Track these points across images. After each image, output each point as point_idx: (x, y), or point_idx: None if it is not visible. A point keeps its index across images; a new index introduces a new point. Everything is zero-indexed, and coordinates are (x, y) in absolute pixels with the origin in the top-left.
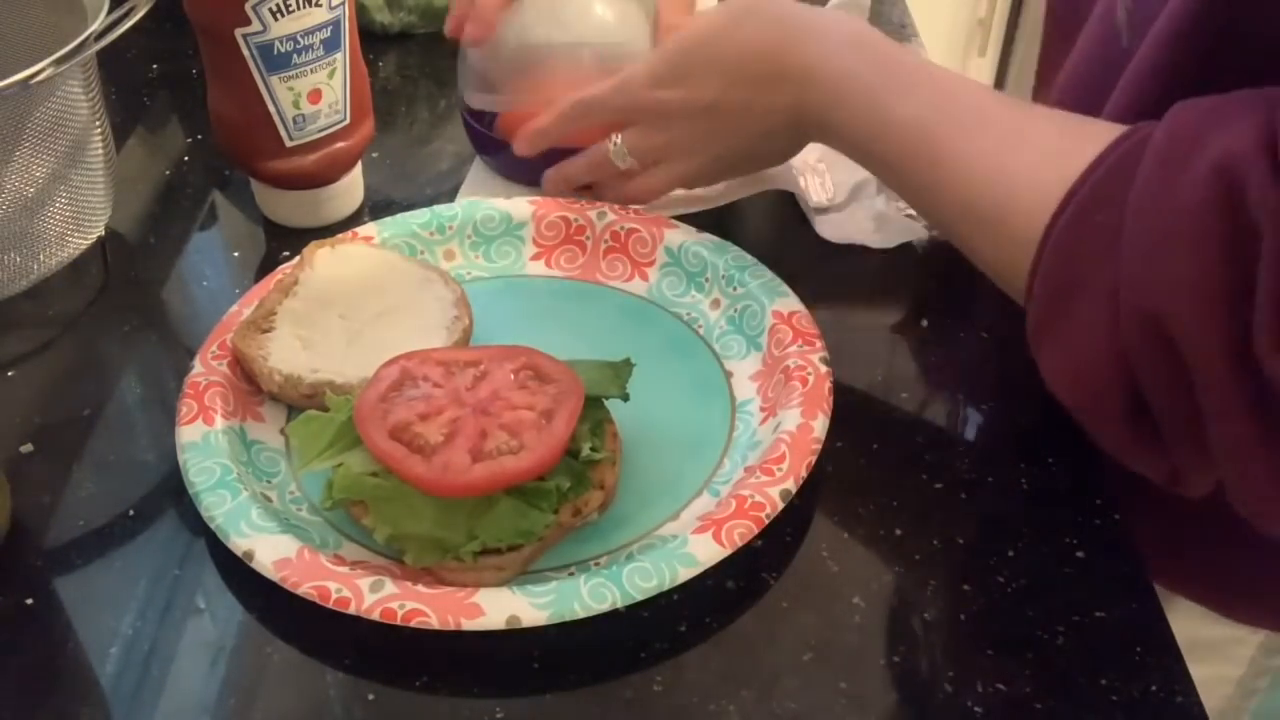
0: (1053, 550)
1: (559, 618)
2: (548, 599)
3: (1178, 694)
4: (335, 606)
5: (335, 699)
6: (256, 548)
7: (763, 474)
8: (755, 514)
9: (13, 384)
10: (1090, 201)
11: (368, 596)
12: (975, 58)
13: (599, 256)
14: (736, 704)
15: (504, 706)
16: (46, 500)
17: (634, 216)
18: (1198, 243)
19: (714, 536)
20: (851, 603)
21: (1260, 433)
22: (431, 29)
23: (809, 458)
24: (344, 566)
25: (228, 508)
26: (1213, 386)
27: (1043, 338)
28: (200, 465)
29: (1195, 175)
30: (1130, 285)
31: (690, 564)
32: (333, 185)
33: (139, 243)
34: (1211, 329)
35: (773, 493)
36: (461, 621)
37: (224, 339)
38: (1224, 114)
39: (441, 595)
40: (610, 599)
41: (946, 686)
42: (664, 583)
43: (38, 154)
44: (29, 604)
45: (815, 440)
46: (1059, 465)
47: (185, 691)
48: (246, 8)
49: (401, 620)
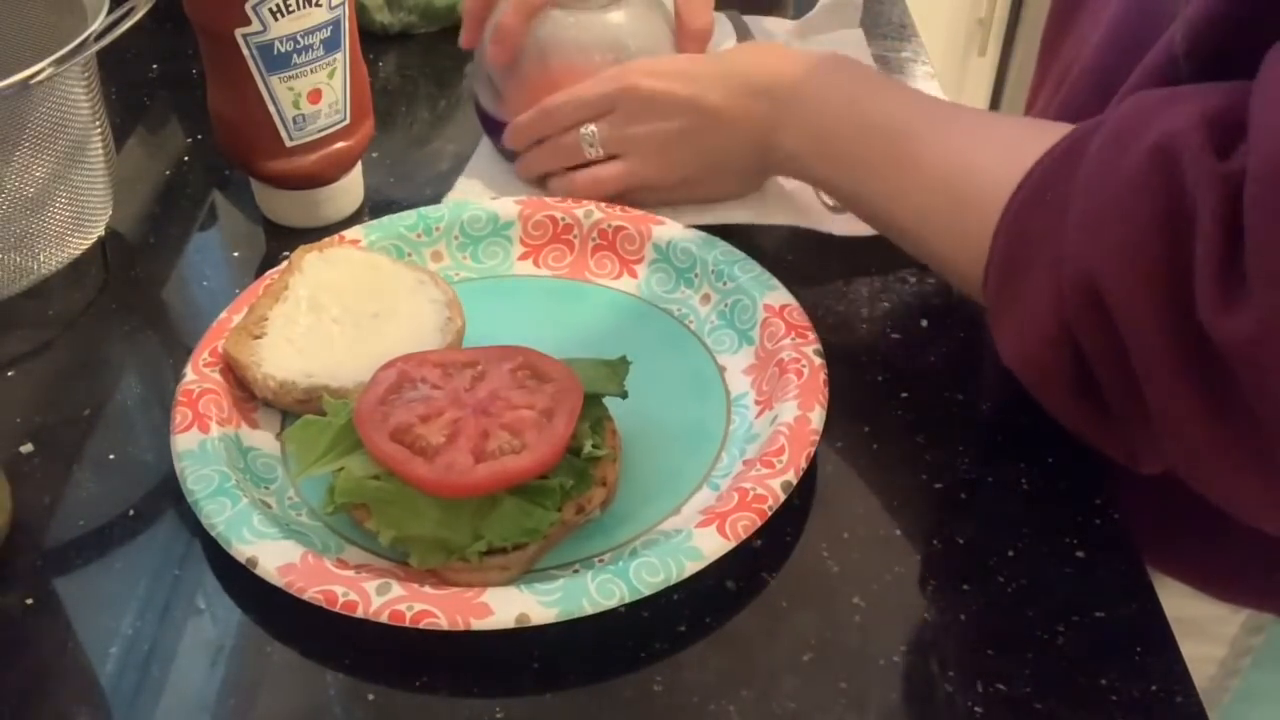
0: (1053, 550)
1: (568, 615)
2: (555, 596)
3: (1178, 694)
4: (343, 610)
5: (335, 699)
6: (260, 554)
7: (763, 466)
8: (758, 506)
9: (13, 384)
10: (1042, 183)
11: (375, 600)
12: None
13: (587, 255)
14: (736, 704)
15: (504, 706)
16: (46, 500)
17: (621, 214)
18: (1133, 210)
19: (718, 529)
20: (851, 603)
21: (1201, 404)
22: (431, 29)
23: (808, 449)
24: (349, 570)
25: (228, 515)
26: (1148, 353)
27: (998, 318)
28: (198, 473)
29: (1138, 150)
30: (1071, 255)
31: (696, 557)
32: (333, 185)
33: (139, 243)
34: (1145, 294)
35: (774, 484)
36: (471, 621)
37: (215, 345)
38: (1174, 99)
39: (449, 596)
40: (618, 595)
41: (946, 686)
42: (671, 576)
43: (38, 154)
44: (29, 604)
45: (813, 432)
46: (1059, 465)
47: (185, 691)
48: (246, 8)
49: (410, 622)
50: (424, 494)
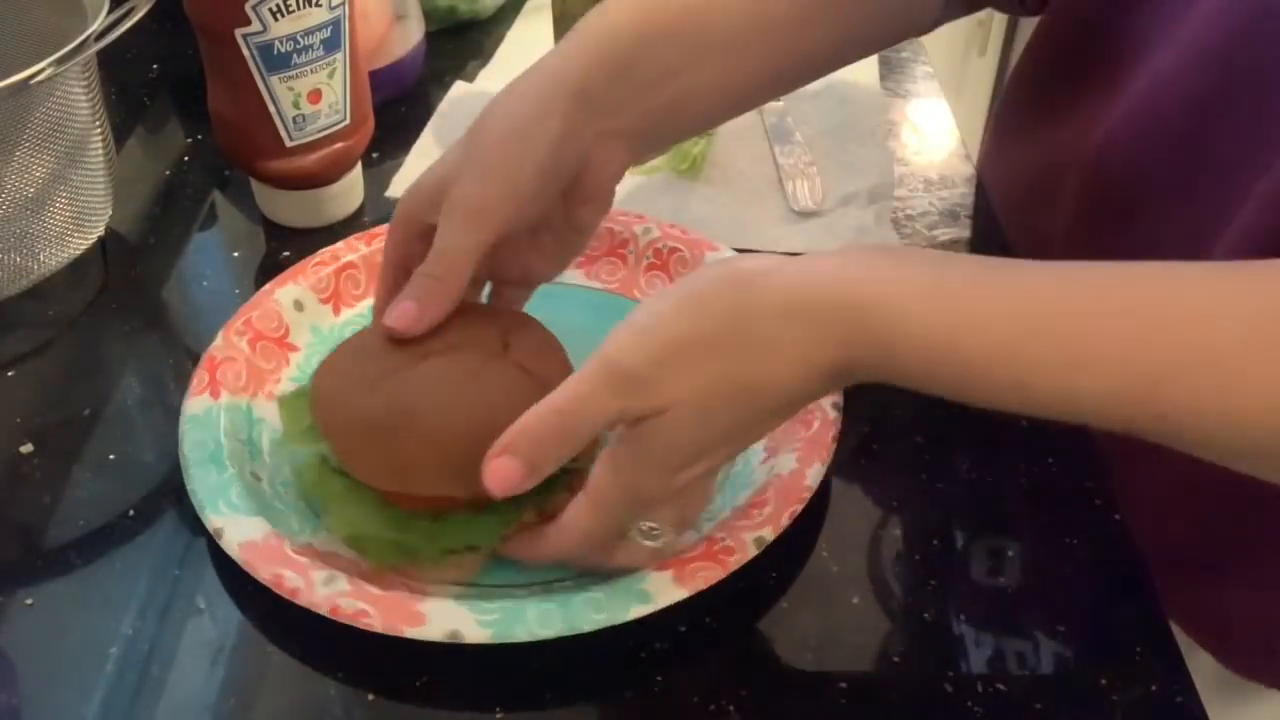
0: (1053, 550)
1: (500, 639)
2: (492, 618)
3: (1178, 694)
4: (287, 596)
5: (335, 699)
6: (227, 527)
7: (742, 517)
8: (723, 558)
9: (13, 384)
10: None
11: (319, 590)
12: (975, 58)
13: (640, 272)
14: (736, 704)
15: (504, 706)
16: (46, 500)
17: (680, 236)
18: None
19: (674, 576)
20: (851, 603)
21: None
22: (431, 29)
23: (795, 506)
24: (306, 557)
25: (210, 483)
26: None
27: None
28: (195, 439)
29: None
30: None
31: (644, 601)
32: (333, 185)
33: (139, 243)
34: None
35: (747, 538)
36: (404, 629)
37: (250, 315)
38: None
39: (389, 599)
40: (556, 628)
41: (946, 686)
42: (613, 618)
43: (38, 154)
44: (29, 604)
45: (806, 489)
46: (1059, 465)
47: (185, 691)
48: (246, 8)
49: (347, 619)
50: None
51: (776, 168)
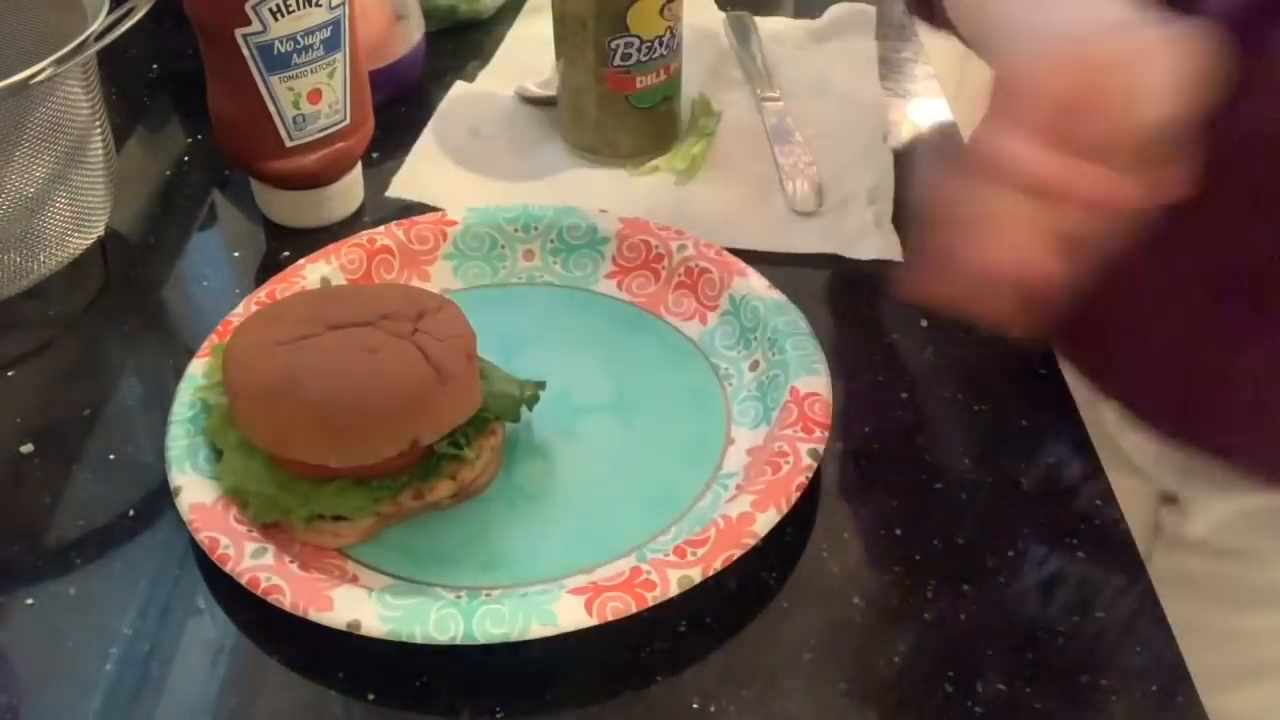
0: (1053, 550)
1: (397, 636)
2: (396, 614)
3: (1178, 694)
4: (217, 562)
5: (335, 699)
6: (185, 487)
7: (674, 554)
8: (640, 592)
9: (13, 384)
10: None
11: (246, 560)
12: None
13: (669, 289)
14: (736, 704)
15: (504, 706)
16: (46, 500)
17: (714, 256)
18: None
19: (585, 602)
20: (851, 603)
21: None
22: (431, 29)
23: (732, 550)
24: (245, 526)
25: (184, 443)
26: None
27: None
28: (184, 398)
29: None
30: None
31: (547, 621)
32: (333, 185)
33: (139, 243)
34: None
35: (671, 575)
36: (310, 611)
37: (275, 289)
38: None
39: (304, 580)
40: (452, 633)
41: (946, 686)
42: (511, 634)
43: (38, 154)
44: (29, 604)
45: (751, 535)
46: (1059, 465)
47: (185, 691)
48: (246, 8)
49: (261, 593)
50: (268, 456)
51: (776, 168)
